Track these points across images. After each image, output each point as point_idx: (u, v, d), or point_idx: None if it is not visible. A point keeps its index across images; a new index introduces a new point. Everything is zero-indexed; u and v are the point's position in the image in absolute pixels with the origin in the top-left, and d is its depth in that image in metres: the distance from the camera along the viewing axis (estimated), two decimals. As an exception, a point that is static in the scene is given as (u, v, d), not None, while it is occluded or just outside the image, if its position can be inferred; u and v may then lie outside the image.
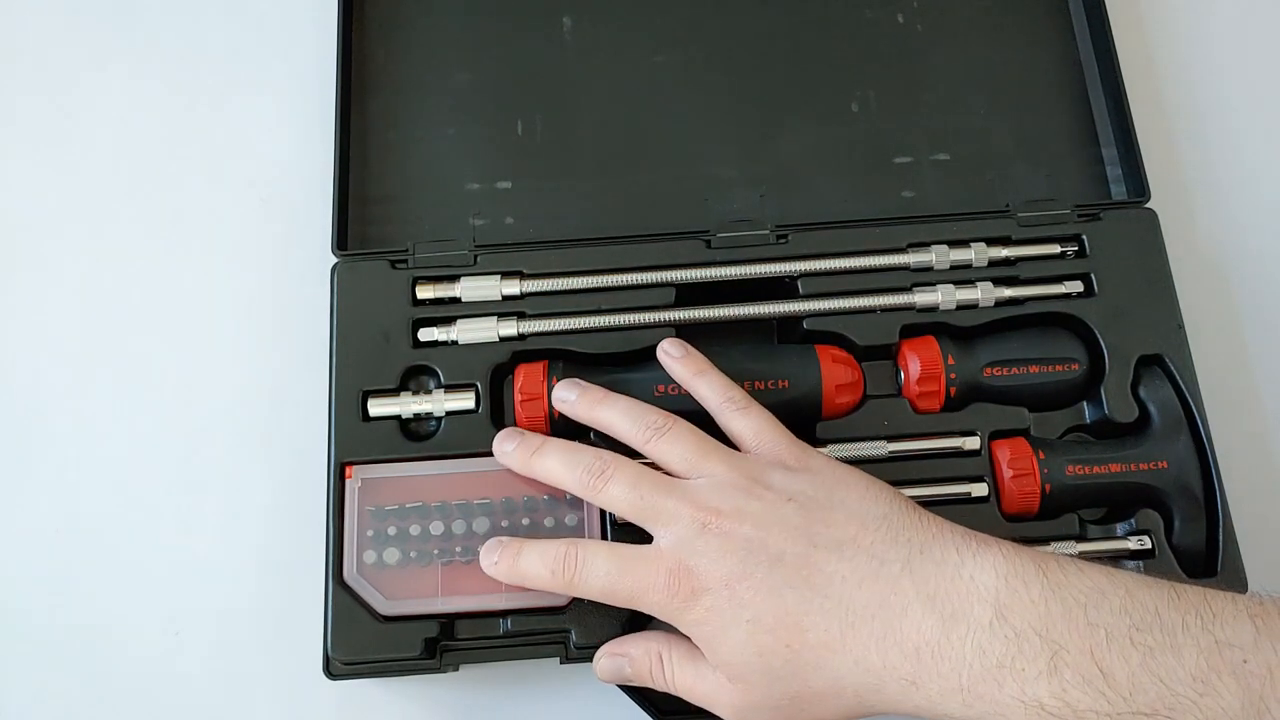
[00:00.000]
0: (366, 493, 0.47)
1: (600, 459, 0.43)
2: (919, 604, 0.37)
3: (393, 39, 0.58)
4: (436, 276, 0.51)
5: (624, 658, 0.43)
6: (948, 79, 0.57)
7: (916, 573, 0.38)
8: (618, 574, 0.41)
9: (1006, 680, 0.35)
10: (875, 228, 0.51)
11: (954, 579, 0.37)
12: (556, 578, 0.42)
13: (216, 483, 0.52)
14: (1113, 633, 0.35)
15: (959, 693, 0.36)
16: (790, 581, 0.39)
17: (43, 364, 0.55)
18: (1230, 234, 0.56)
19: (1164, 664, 0.34)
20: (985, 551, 0.38)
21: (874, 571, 0.38)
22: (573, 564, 0.42)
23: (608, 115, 0.56)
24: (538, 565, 0.42)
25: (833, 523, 0.40)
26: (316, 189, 0.56)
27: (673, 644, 0.42)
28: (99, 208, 0.58)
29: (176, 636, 0.50)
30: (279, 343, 0.54)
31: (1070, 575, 0.37)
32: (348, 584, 0.45)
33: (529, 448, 0.45)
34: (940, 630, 0.36)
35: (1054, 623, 0.35)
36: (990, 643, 0.36)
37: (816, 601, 0.38)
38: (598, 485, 0.43)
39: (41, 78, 0.60)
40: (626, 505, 0.42)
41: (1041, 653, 0.35)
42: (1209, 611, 0.35)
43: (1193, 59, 0.60)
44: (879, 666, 0.37)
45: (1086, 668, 0.34)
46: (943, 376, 0.48)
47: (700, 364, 0.46)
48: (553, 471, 0.44)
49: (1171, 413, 0.48)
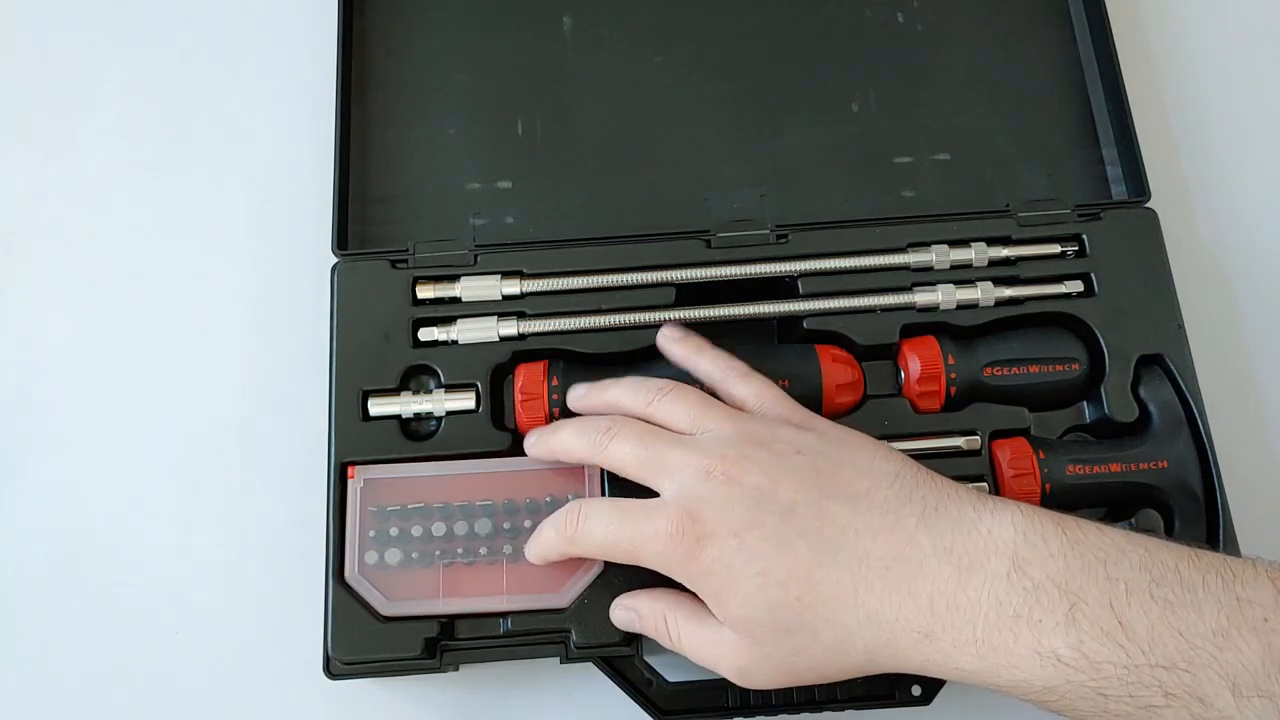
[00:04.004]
0: (369, 493, 0.47)
1: (608, 419, 0.43)
2: (935, 557, 0.36)
3: (393, 38, 0.58)
4: (437, 276, 0.51)
5: (634, 612, 0.43)
6: (948, 79, 0.57)
7: (932, 527, 0.37)
8: (619, 524, 0.40)
9: (1023, 631, 0.35)
10: (875, 227, 0.51)
11: (970, 533, 0.37)
12: (561, 535, 0.42)
13: (216, 482, 0.52)
14: (1132, 587, 0.34)
15: (972, 644, 0.35)
16: (802, 532, 0.38)
17: (43, 364, 0.55)
18: (1230, 234, 0.56)
19: (1184, 619, 0.34)
20: (1002, 508, 0.37)
21: (889, 525, 0.37)
22: (574, 519, 0.42)
23: (608, 115, 0.56)
24: (549, 533, 0.43)
25: (844, 477, 0.39)
26: (316, 188, 0.56)
27: (679, 604, 0.41)
28: (99, 207, 0.58)
29: (176, 636, 0.50)
30: (279, 342, 0.54)
31: (1089, 533, 0.36)
32: (349, 584, 0.45)
33: (546, 431, 0.46)
34: (956, 582, 0.36)
35: (1072, 576, 0.35)
36: (1007, 594, 0.35)
37: (830, 553, 0.37)
38: (604, 442, 0.42)
39: (41, 77, 0.60)
40: (632, 459, 0.42)
41: (1060, 604, 0.35)
42: (1229, 572, 0.35)
43: (1193, 59, 0.60)
44: (892, 620, 0.36)
45: (1105, 620, 0.34)
46: (943, 376, 0.48)
47: (700, 342, 0.46)
48: (566, 443, 0.44)
49: (1171, 412, 0.48)
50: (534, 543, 0.44)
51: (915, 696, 0.45)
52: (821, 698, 0.45)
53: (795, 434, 0.41)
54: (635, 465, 0.42)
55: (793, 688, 0.44)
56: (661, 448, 0.41)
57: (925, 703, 0.45)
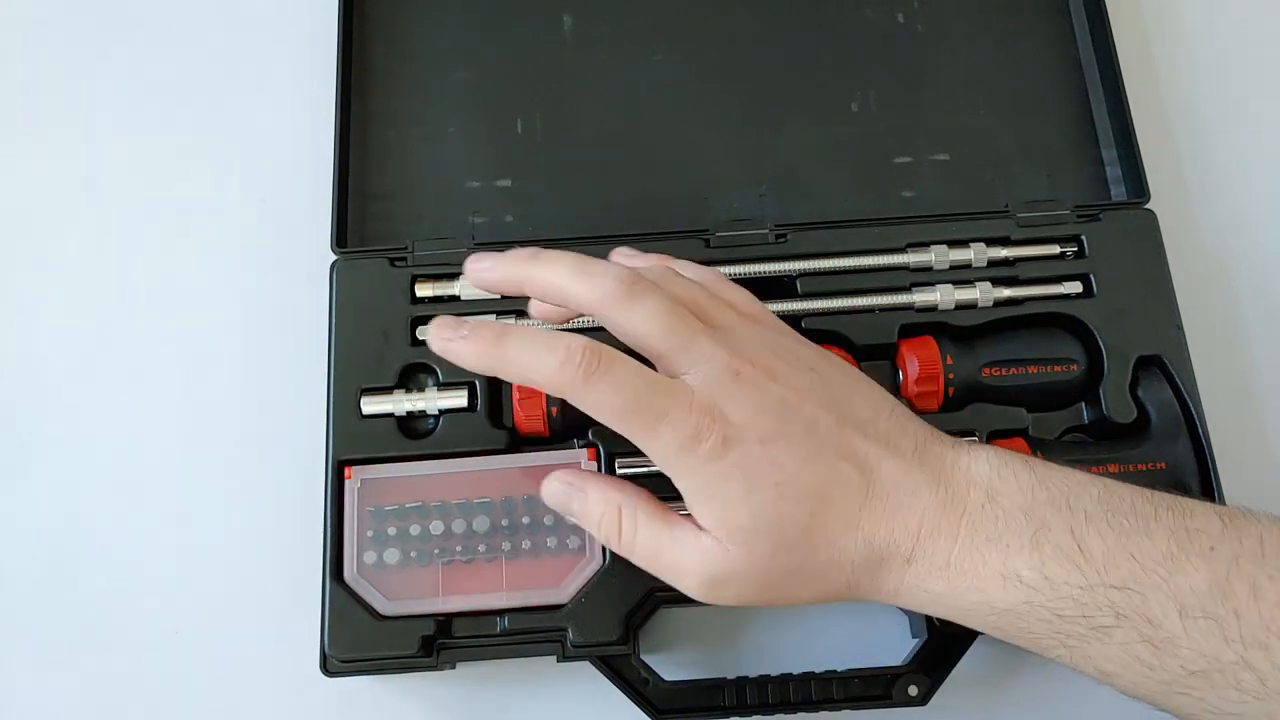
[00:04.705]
0: (366, 493, 0.47)
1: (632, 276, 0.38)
2: (927, 487, 0.38)
3: (393, 36, 0.58)
4: (436, 274, 0.51)
5: (579, 492, 0.40)
6: (948, 79, 0.57)
7: (924, 459, 0.39)
8: (645, 390, 0.36)
9: (991, 554, 0.37)
10: (875, 227, 0.51)
11: (953, 469, 0.38)
12: (565, 371, 0.36)
13: (215, 480, 0.52)
14: (1091, 516, 0.37)
15: (946, 569, 0.37)
16: (823, 451, 0.38)
17: (42, 363, 0.55)
18: (1230, 234, 0.56)
19: (1137, 544, 0.36)
20: (977, 449, 0.39)
21: (891, 452, 0.38)
22: (594, 360, 0.36)
23: (608, 114, 0.56)
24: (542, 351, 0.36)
25: (854, 403, 0.39)
26: (316, 186, 0.56)
27: (640, 501, 0.39)
28: (98, 206, 0.58)
29: (176, 635, 0.50)
30: (277, 340, 0.54)
31: (1054, 471, 0.38)
32: (348, 584, 0.45)
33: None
34: (940, 510, 0.37)
35: (1038, 505, 0.37)
36: (981, 520, 0.37)
37: (844, 474, 0.38)
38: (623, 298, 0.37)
39: (41, 77, 0.60)
40: (662, 328, 0.37)
41: (1026, 529, 0.37)
42: (1180, 507, 0.37)
43: (1193, 59, 0.60)
44: (884, 544, 0.37)
45: (1066, 544, 0.36)
46: (941, 376, 0.48)
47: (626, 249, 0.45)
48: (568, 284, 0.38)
49: (1170, 414, 0.48)
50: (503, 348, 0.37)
51: (913, 697, 0.45)
52: (818, 697, 0.45)
53: (802, 349, 0.41)
54: (663, 336, 0.37)
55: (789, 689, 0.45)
56: (694, 328, 0.38)
57: (922, 703, 0.45)
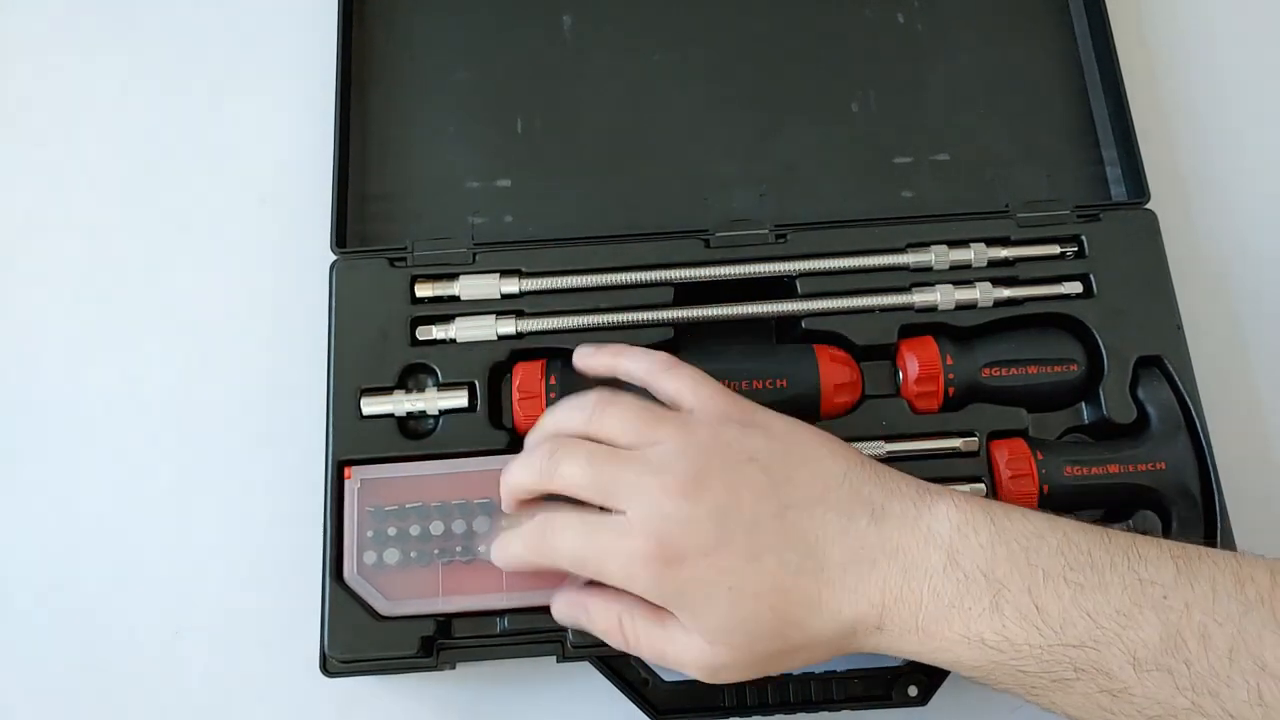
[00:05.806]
0: (366, 493, 0.47)
1: (550, 443, 0.42)
2: (885, 556, 0.39)
3: (392, 36, 0.58)
4: (435, 275, 0.51)
5: (582, 610, 0.42)
6: (948, 79, 0.57)
7: (881, 527, 0.39)
8: (587, 541, 0.40)
9: (954, 619, 0.38)
10: (874, 228, 0.51)
11: (912, 531, 0.39)
12: (528, 547, 0.42)
13: (215, 480, 0.52)
14: (1049, 572, 0.37)
15: (915, 632, 0.38)
16: (770, 546, 0.39)
17: (42, 363, 0.55)
18: (1230, 234, 0.56)
19: (1092, 600, 0.37)
20: (938, 502, 0.40)
21: (843, 528, 0.39)
22: (541, 533, 0.42)
23: (607, 114, 0.56)
24: (518, 545, 0.43)
25: (798, 482, 0.40)
26: (315, 186, 0.55)
27: (635, 607, 0.41)
28: (98, 206, 0.58)
29: (175, 634, 0.50)
30: (277, 340, 0.54)
31: (1015, 521, 0.39)
32: (348, 585, 0.45)
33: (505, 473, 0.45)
34: (902, 578, 0.38)
35: (998, 564, 0.38)
36: (943, 585, 0.38)
37: (795, 563, 0.39)
38: (550, 468, 0.42)
39: (40, 77, 0.60)
40: (584, 480, 0.41)
41: (986, 592, 0.38)
42: (1136, 553, 0.38)
43: (1193, 59, 0.60)
44: (851, 618, 0.39)
45: (1024, 604, 0.37)
46: (941, 377, 0.48)
47: (617, 347, 0.47)
48: (515, 479, 0.43)
49: (1170, 414, 0.48)
50: (500, 550, 0.44)
51: (912, 697, 0.45)
52: (818, 697, 0.45)
53: (742, 436, 0.41)
54: (589, 487, 0.41)
55: (789, 689, 0.45)
56: (614, 468, 0.41)
57: (922, 703, 0.45)
